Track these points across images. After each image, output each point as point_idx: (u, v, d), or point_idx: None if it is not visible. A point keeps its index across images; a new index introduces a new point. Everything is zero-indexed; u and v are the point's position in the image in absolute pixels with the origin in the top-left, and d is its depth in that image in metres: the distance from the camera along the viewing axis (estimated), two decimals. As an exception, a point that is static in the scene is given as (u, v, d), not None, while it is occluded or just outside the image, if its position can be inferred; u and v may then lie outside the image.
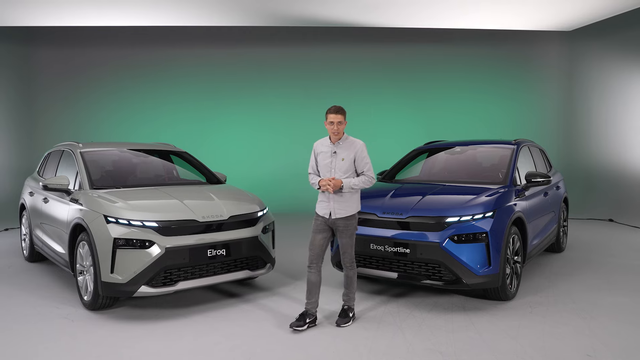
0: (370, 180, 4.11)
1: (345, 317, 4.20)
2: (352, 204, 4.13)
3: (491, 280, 4.47)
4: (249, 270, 4.84)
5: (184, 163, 6.22)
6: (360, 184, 4.08)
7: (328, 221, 4.14)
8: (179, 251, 4.34)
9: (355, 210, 4.16)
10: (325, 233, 4.18)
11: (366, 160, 4.13)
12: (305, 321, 4.12)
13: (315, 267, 4.17)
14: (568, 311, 4.52)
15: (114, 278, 4.26)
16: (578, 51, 11.22)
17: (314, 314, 4.20)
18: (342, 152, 4.12)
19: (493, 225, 4.48)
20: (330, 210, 4.12)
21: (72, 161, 5.56)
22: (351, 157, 4.09)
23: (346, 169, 4.09)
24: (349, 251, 4.18)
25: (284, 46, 11.65)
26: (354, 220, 4.15)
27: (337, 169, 4.10)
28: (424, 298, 4.91)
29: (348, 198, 4.10)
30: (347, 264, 4.22)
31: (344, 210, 4.10)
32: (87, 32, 11.16)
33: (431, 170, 6.22)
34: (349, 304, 4.28)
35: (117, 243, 4.25)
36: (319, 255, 4.18)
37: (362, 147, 4.14)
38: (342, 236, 4.14)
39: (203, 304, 4.80)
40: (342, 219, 4.10)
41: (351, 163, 4.09)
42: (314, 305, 4.19)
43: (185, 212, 4.52)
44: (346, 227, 4.11)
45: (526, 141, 6.24)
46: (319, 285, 4.20)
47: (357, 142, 4.16)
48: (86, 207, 4.66)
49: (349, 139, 4.18)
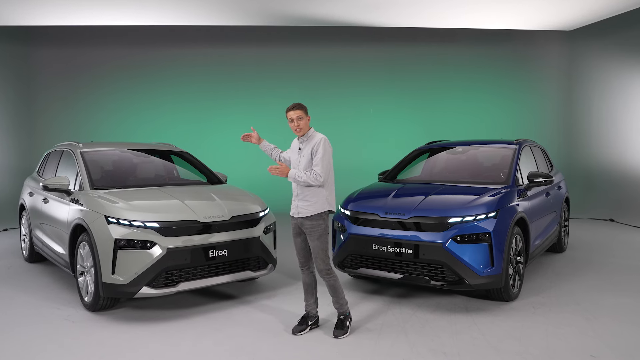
0: (314, 177, 3.77)
1: (342, 328, 3.97)
2: (317, 202, 3.84)
3: (494, 280, 4.45)
4: (250, 271, 4.81)
5: (184, 163, 6.19)
6: (304, 177, 3.79)
7: (297, 222, 3.96)
8: (181, 252, 4.32)
9: (322, 209, 3.85)
10: (302, 235, 4.00)
11: (319, 156, 3.80)
12: (307, 324, 4.08)
13: (306, 270, 4.08)
14: (571, 312, 4.50)
15: (115, 279, 4.23)
16: (578, 51, 11.22)
17: (315, 315, 4.16)
18: (305, 148, 3.95)
19: (496, 226, 4.46)
20: (295, 209, 3.96)
21: (72, 161, 5.53)
22: (310, 151, 3.88)
23: (305, 164, 3.88)
24: (321, 256, 3.85)
25: (283, 46, 11.62)
26: (321, 220, 3.85)
27: (300, 165, 3.92)
28: (426, 299, 4.89)
29: (312, 196, 3.84)
30: (322, 272, 3.88)
31: (308, 209, 3.85)
32: (86, 32, 11.12)
33: (432, 170, 6.20)
34: (342, 311, 4.01)
35: (118, 244, 4.22)
36: (306, 257, 4.05)
37: (321, 141, 3.86)
38: (311, 238, 3.87)
39: (204, 305, 4.78)
40: (307, 218, 3.85)
41: (310, 158, 3.86)
42: (313, 306, 4.14)
43: (187, 213, 4.50)
44: (312, 228, 3.84)
45: (528, 141, 6.23)
46: (314, 286, 4.12)
47: (317, 136, 3.92)
48: (87, 208, 4.63)
49: (312, 134, 3.96)
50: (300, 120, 3.92)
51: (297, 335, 4.00)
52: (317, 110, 11.82)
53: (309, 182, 3.79)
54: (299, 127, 3.92)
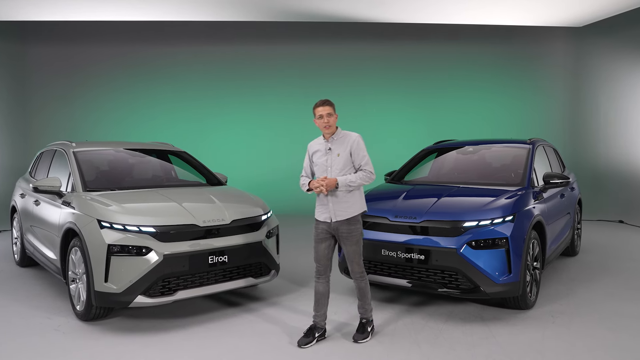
0: (369, 176, 3.69)
1: (363, 333, 3.84)
2: (354, 203, 3.71)
3: (512, 288, 4.19)
4: (252, 278, 4.55)
5: (183, 163, 5.93)
6: (358, 180, 3.65)
7: (330, 227, 3.76)
8: (178, 258, 4.05)
9: (359, 211, 3.75)
10: (328, 241, 3.81)
11: (363, 153, 3.71)
12: (314, 336, 3.83)
13: (323, 278, 3.86)
14: (592, 321, 4.24)
15: (108, 287, 3.97)
16: (585, 49, 10.95)
17: (323, 327, 3.92)
18: (337, 148, 3.74)
19: (513, 230, 4.20)
20: (330, 214, 3.73)
21: (64, 161, 5.26)
22: (347, 151, 3.70)
23: (343, 165, 3.70)
24: (357, 260, 3.76)
25: (284, 43, 11.36)
26: (358, 224, 3.74)
27: (334, 166, 3.72)
28: (437, 307, 4.63)
29: (349, 197, 3.69)
30: (356, 275, 3.81)
31: (346, 212, 3.69)
32: (82, 28, 10.84)
33: (441, 171, 5.94)
34: (366, 317, 3.91)
35: (111, 250, 3.96)
36: (327, 265, 3.85)
37: (357, 139, 3.74)
38: (347, 243, 3.73)
39: (203, 314, 4.51)
40: (344, 222, 3.70)
41: (347, 158, 3.70)
42: (323, 317, 3.90)
43: (185, 216, 4.23)
44: (350, 233, 3.71)
45: (540, 140, 5.97)
46: (327, 296, 3.89)
47: (352, 135, 3.77)
48: (79, 211, 4.37)
49: (343, 133, 3.79)
50: (330, 117, 3.72)
51: (302, 348, 3.75)
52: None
53: (364, 183, 3.71)
54: (328, 124, 3.72)
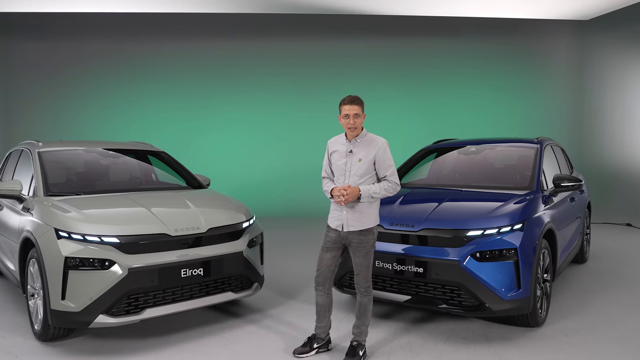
0: (394, 187, 3.41)
1: (354, 357, 3.45)
2: (369, 215, 3.44)
3: (521, 305, 3.74)
4: (231, 292, 4.09)
5: (161, 164, 5.46)
6: (382, 192, 3.37)
7: (340, 236, 3.47)
8: (146, 272, 3.59)
9: (374, 224, 3.46)
10: (335, 252, 3.54)
11: (389, 163, 3.42)
12: (312, 346, 3.60)
13: (322, 290, 3.58)
14: (611, 340, 3.80)
15: (65, 306, 3.50)
16: (590, 44, 10.52)
17: (325, 338, 3.67)
18: (359, 152, 3.42)
19: (523, 240, 3.75)
20: (342, 221, 3.43)
21: (30, 163, 4.79)
22: (370, 157, 3.40)
23: (364, 171, 3.40)
24: (364, 273, 3.46)
25: (277, 39, 10.91)
26: (371, 235, 3.45)
27: (353, 171, 3.41)
28: (437, 324, 4.18)
29: (366, 208, 3.41)
30: (361, 288, 3.48)
31: (360, 222, 3.40)
32: (66, 23, 10.38)
33: (441, 172, 5.50)
34: (359, 339, 3.52)
35: (69, 263, 3.50)
36: (327, 276, 3.57)
37: (384, 145, 3.43)
38: (356, 254, 3.44)
39: (177, 332, 4.05)
40: (356, 233, 3.41)
41: (370, 165, 3.40)
42: (325, 329, 3.64)
43: (154, 224, 3.77)
44: (361, 244, 3.42)
45: (548, 139, 5.52)
46: (329, 308, 3.62)
47: (379, 140, 3.45)
48: (36, 218, 3.90)
49: (368, 136, 3.48)
50: (357, 118, 3.39)
51: (297, 357, 3.51)
52: (313, 106, 11.18)
53: (387, 195, 3.42)
54: (354, 126, 3.39)
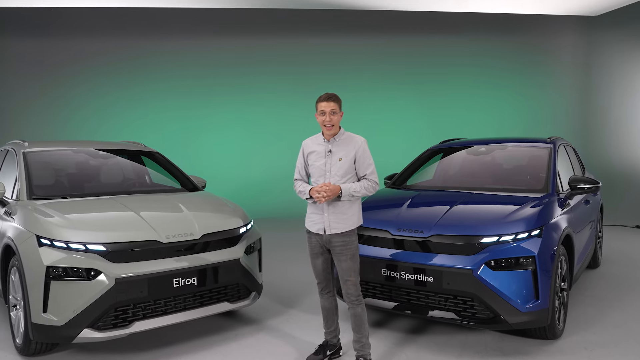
0: (373, 186, 3.27)
1: None
2: (352, 215, 3.27)
3: (539, 317, 3.47)
4: (228, 303, 3.83)
5: (154, 165, 5.20)
6: (362, 191, 3.22)
7: (322, 239, 3.27)
8: (135, 282, 3.33)
9: (357, 224, 3.30)
10: (325, 255, 3.36)
11: (369, 161, 3.29)
12: (325, 354, 3.46)
13: (327, 294, 3.45)
14: (634, 353, 3.54)
15: (47, 319, 3.23)
16: (597, 42, 10.27)
17: (336, 344, 3.52)
18: (339, 151, 3.27)
19: (541, 247, 3.49)
20: (324, 224, 3.24)
21: (15, 164, 4.52)
22: (351, 156, 3.25)
23: (345, 171, 3.24)
24: (352, 279, 3.25)
25: (276, 36, 10.64)
26: (354, 236, 3.27)
27: (334, 171, 3.25)
28: (449, 337, 3.91)
29: (347, 208, 3.24)
30: (352, 297, 3.26)
31: (342, 224, 3.22)
32: (61, 21, 10.11)
33: (448, 173, 5.24)
34: (364, 354, 3.28)
35: (51, 273, 3.23)
36: (328, 280, 3.42)
37: (363, 144, 3.30)
38: (342, 258, 3.24)
39: (169, 346, 3.78)
40: (339, 235, 3.22)
41: (351, 164, 3.25)
42: (333, 333, 3.49)
43: (144, 230, 3.50)
44: (345, 246, 3.22)
45: (561, 139, 5.25)
46: (335, 311, 3.49)
47: (357, 139, 3.32)
48: (17, 224, 3.63)
49: (346, 135, 3.34)
50: (334, 115, 3.27)
51: None
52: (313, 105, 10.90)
53: (367, 194, 3.27)
54: (330, 123, 3.25)
